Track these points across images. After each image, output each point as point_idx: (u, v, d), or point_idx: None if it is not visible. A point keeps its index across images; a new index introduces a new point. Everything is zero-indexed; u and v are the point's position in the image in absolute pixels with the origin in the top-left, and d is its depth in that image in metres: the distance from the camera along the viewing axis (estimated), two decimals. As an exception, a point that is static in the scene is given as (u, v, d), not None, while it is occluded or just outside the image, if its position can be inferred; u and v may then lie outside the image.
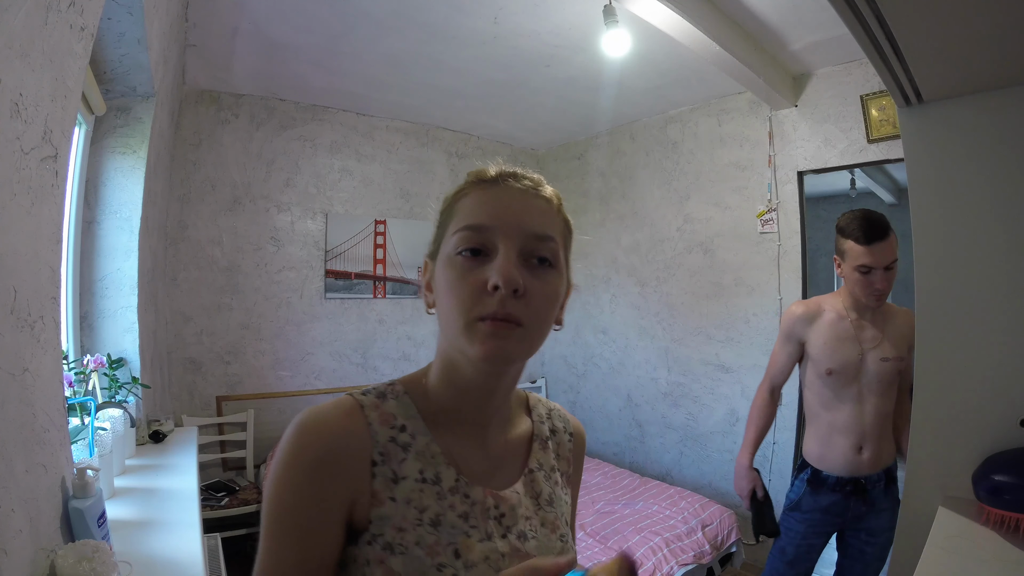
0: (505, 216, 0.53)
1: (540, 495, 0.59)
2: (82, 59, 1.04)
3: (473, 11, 2.22)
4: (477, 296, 0.50)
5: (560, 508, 0.60)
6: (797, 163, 2.83)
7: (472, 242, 0.52)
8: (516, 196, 0.55)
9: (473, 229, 0.52)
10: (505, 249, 0.51)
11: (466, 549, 0.51)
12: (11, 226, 0.77)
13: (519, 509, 0.56)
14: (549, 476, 0.61)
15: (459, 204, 0.56)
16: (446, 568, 0.49)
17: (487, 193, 0.55)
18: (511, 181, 0.56)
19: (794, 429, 2.78)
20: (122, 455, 1.57)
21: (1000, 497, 1.26)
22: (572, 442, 0.67)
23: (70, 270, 1.78)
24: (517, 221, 0.53)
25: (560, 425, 0.67)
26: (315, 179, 3.37)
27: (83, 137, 1.81)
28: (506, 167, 0.57)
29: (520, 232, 0.52)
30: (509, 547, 0.53)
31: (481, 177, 0.56)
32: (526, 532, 0.55)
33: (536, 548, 0.55)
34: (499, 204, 0.54)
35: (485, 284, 0.50)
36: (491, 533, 0.53)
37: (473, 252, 0.52)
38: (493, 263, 0.51)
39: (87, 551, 0.83)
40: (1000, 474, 1.29)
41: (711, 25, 2.11)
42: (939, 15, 1.07)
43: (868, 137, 2.55)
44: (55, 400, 0.97)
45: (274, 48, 2.55)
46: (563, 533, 0.59)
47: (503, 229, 0.52)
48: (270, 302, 3.20)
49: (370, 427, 0.52)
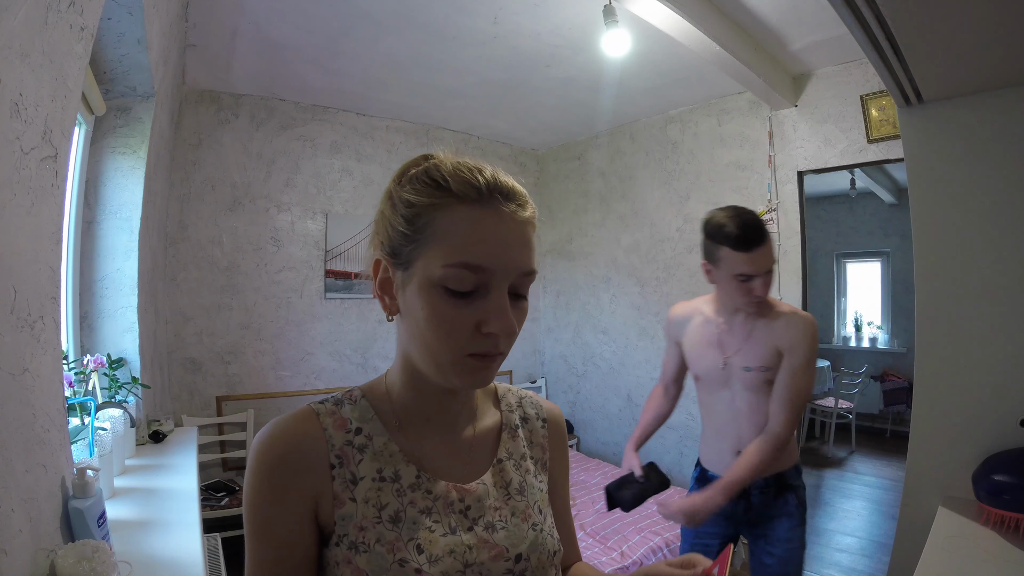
0: (503, 257, 0.50)
1: (510, 484, 0.60)
2: (82, 59, 1.04)
3: (473, 11, 2.22)
4: (468, 335, 0.49)
5: (532, 496, 0.60)
6: (797, 163, 2.83)
7: (466, 283, 0.49)
8: (510, 227, 0.51)
9: (471, 270, 0.49)
10: (499, 292, 0.50)
11: (428, 544, 0.52)
12: (11, 226, 0.77)
13: (486, 500, 0.57)
14: (519, 464, 0.62)
15: (441, 219, 0.50)
16: (408, 563, 0.50)
17: (479, 219, 0.50)
18: (502, 202, 0.51)
19: (794, 429, 2.78)
20: (122, 455, 1.57)
21: (1000, 497, 1.27)
22: (546, 428, 0.67)
23: (70, 270, 1.78)
24: (514, 262, 0.50)
25: (532, 412, 0.67)
26: (315, 179, 3.37)
27: (83, 137, 1.81)
28: (491, 175, 0.52)
29: (515, 272, 0.51)
30: (476, 539, 0.54)
31: (467, 190, 0.50)
32: (494, 523, 0.56)
33: (506, 538, 0.55)
34: (495, 239, 0.50)
35: (477, 325, 0.49)
36: (455, 527, 0.54)
37: (463, 291, 0.49)
38: (486, 304, 0.49)
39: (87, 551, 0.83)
40: (1000, 474, 1.29)
41: (711, 25, 2.11)
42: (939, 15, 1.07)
43: (868, 137, 2.56)
44: (55, 400, 0.97)
45: (274, 48, 2.55)
46: (535, 521, 0.58)
47: (500, 272, 0.50)
48: (270, 302, 3.20)
49: (325, 432, 0.54)
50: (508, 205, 0.51)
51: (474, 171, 0.51)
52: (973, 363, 1.46)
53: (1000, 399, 1.40)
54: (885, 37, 1.18)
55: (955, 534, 1.26)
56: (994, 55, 1.25)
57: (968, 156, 1.47)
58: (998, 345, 1.42)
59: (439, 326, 0.49)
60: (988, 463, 1.34)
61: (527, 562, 0.55)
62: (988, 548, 1.19)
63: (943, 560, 1.15)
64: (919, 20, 1.10)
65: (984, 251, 1.45)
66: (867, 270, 5.87)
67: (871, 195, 5.39)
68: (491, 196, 0.51)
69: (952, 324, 1.50)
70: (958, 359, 1.48)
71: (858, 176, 4.56)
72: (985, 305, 1.44)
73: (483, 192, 0.50)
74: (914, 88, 1.43)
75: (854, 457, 4.64)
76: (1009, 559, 1.14)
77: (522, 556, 0.55)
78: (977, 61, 1.28)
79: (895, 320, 5.56)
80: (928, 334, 1.54)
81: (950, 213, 1.51)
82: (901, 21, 1.10)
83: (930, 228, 1.54)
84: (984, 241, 1.45)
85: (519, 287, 0.52)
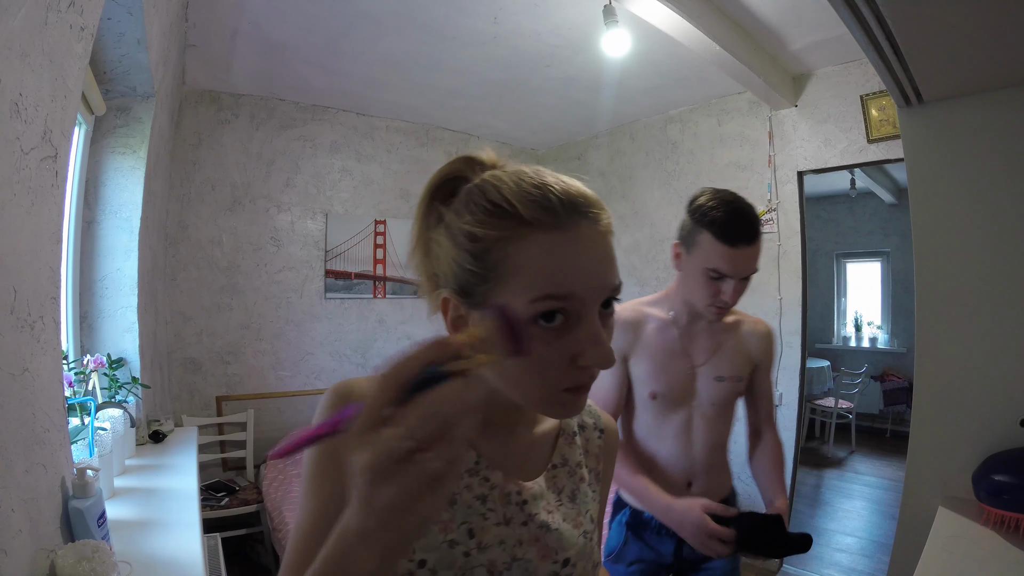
0: (590, 280, 0.45)
1: (562, 491, 0.58)
2: (82, 59, 1.04)
3: (473, 11, 2.22)
4: (564, 369, 0.45)
5: (583, 504, 0.59)
6: (797, 163, 2.83)
7: (554, 309, 0.44)
8: (594, 245, 0.46)
9: (558, 300, 0.44)
10: (590, 319, 0.45)
11: (480, 530, 0.50)
12: (11, 226, 0.77)
13: (541, 501, 0.55)
14: (574, 472, 0.60)
15: (515, 253, 0.45)
16: (458, 546, 0.49)
17: (559, 245, 0.45)
18: (579, 217, 0.46)
19: (794, 429, 2.78)
20: (122, 455, 1.57)
21: (1000, 497, 1.26)
22: (603, 439, 0.65)
23: (70, 270, 1.78)
24: (602, 282, 0.46)
25: (590, 421, 0.65)
26: (315, 179, 3.37)
27: (83, 137, 1.81)
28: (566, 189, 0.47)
29: (604, 293, 0.46)
30: (529, 534, 0.53)
31: (540, 215, 0.45)
32: (548, 523, 0.54)
33: (557, 540, 0.54)
34: (581, 263, 0.45)
35: (572, 358, 0.45)
36: (510, 518, 0.52)
37: (548, 317, 0.44)
38: (578, 334, 0.45)
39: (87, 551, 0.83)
40: (1000, 474, 1.29)
41: (711, 25, 2.11)
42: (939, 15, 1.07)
43: (868, 137, 2.56)
44: (55, 400, 0.97)
45: (274, 48, 2.55)
46: (586, 530, 0.57)
47: (590, 296, 0.45)
48: (270, 302, 3.20)
49: None
50: (585, 219, 0.46)
51: (542, 189, 0.46)
52: (973, 363, 1.46)
53: (1000, 399, 1.40)
54: (885, 37, 1.18)
55: (955, 534, 1.26)
56: (994, 55, 1.25)
57: (968, 156, 1.47)
58: (998, 345, 1.42)
59: (533, 365, 0.45)
60: (988, 463, 1.34)
61: (573, 568, 0.54)
62: (988, 548, 1.19)
63: (943, 560, 1.15)
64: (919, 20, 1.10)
65: (984, 251, 1.45)
66: (867, 270, 5.87)
67: (871, 195, 5.39)
68: (570, 217, 0.45)
69: (952, 324, 1.50)
70: (958, 359, 1.48)
71: (858, 176, 4.56)
72: (985, 305, 1.44)
73: (559, 213, 0.45)
74: (914, 88, 1.43)
75: (854, 457, 4.64)
76: (1009, 559, 1.14)
77: (570, 561, 0.54)
78: (977, 61, 1.28)
79: (895, 320, 5.55)
80: (928, 334, 1.54)
81: (950, 213, 1.51)
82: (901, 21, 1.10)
83: (930, 228, 1.54)
84: (984, 241, 1.45)
85: (608, 304, 0.48)
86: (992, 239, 1.44)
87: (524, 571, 0.51)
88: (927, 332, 1.55)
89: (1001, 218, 1.42)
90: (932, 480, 1.50)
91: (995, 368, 1.42)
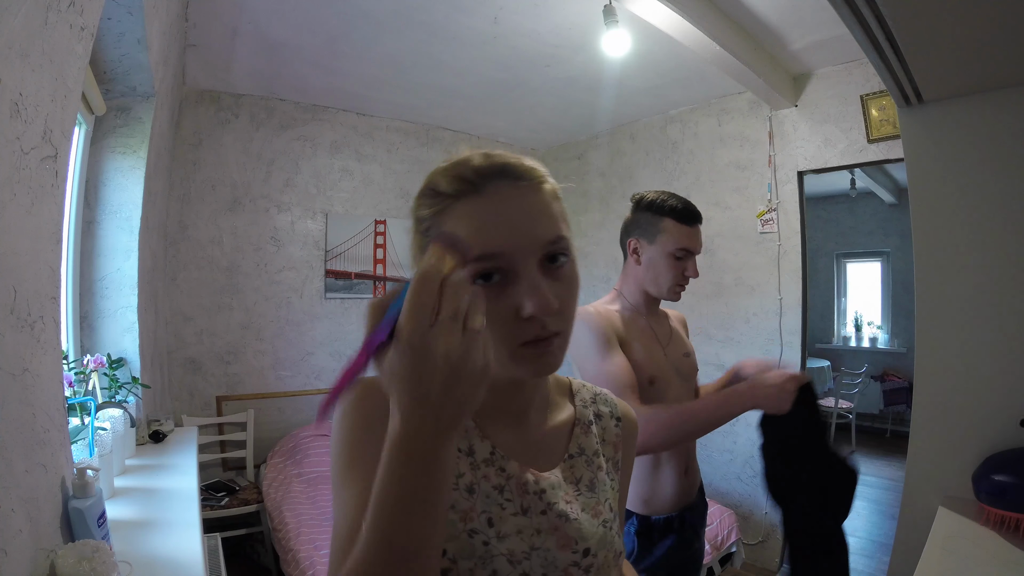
0: (516, 236, 0.47)
1: (580, 480, 0.58)
2: (82, 59, 1.04)
3: (473, 11, 2.21)
4: (512, 324, 0.47)
5: (603, 493, 0.59)
6: (797, 163, 2.83)
7: (489, 269, 0.47)
8: (517, 204, 0.49)
9: (487, 259, 0.47)
10: (527, 271, 0.47)
11: (499, 520, 0.51)
12: (11, 226, 0.77)
13: (559, 491, 0.55)
14: (591, 461, 0.60)
15: (447, 222, 0.49)
16: (478, 535, 0.49)
17: (479, 209, 0.48)
18: (501, 183, 0.49)
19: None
20: (122, 455, 1.57)
21: (1000, 497, 1.27)
22: (620, 427, 0.65)
23: (70, 270, 1.78)
24: (529, 236, 0.48)
25: (606, 410, 0.65)
26: (315, 179, 3.37)
27: (83, 137, 1.81)
28: (485, 158, 0.50)
29: (534, 246, 0.48)
30: (547, 524, 0.53)
31: (460, 186, 0.49)
32: (567, 513, 0.54)
33: (576, 530, 0.54)
34: (501, 221, 0.48)
35: (516, 311, 0.47)
36: (528, 508, 0.53)
37: (487, 278, 0.47)
38: (518, 286, 0.47)
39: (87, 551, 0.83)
40: (1000, 474, 1.29)
41: (711, 25, 2.11)
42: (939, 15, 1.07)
43: (868, 137, 2.56)
44: (55, 400, 0.97)
45: (274, 48, 2.55)
46: (606, 519, 0.57)
47: (519, 251, 0.47)
48: (270, 302, 3.20)
49: None
50: (505, 181, 0.49)
51: (462, 164, 0.50)
52: (973, 363, 1.46)
53: (1000, 399, 1.40)
54: (885, 37, 1.18)
55: (955, 534, 1.26)
56: (994, 55, 1.25)
57: (968, 156, 1.47)
58: (998, 345, 1.42)
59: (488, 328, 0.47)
60: (988, 463, 1.34)
61: (594, 558, 0.54)
62: (988, 548, 1.19)
63: (943, 560, 1.15)
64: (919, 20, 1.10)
65: (984, 251, 1.45)
66: (867, 270, 5.87)
67: (871, 195, 5.39)
68: (486, 182, 0.49)
69: (952, 324, 1.50)
70: (958, 359, 1.48)
71: (858, 176, 4.56)
72: (985, 305, 1.44)
73: (474, 182, 0.49)
74: (914, 88, 1.43)
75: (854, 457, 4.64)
76: (1009, 559, 1.14)
77: (590, 551, 0.54)
78: (977, 61, 1.28)
79: (895, 320, 5.55)
80: (928, 334, 1.54)
81: (950, 213, 1.51)
82: (901, 21, 1.10)
83: (930, 228, 1.54)
84: (984, 241, 1.45)
85: (552, 258, 0.49)
86: (992, 239, 1.44)
87: (544, 560, 0.51)
88: (927, 332, 1.55)
89: (1001, 218, 1.42)
90: (932, 480, 1.50)
91: (995, 368, 1.42)
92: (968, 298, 1.47)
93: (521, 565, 0.50)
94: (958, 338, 1.48)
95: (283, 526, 2.28)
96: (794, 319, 2.83)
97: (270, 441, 3.06)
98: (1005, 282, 1.42)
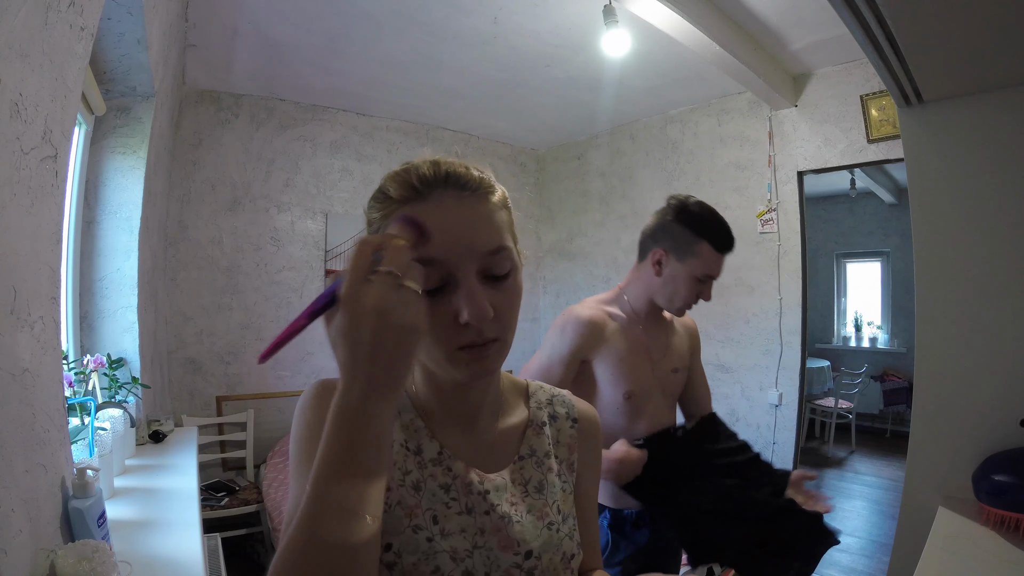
0: (455, 244, 0.48)
1: (528, 482, 0.59)
2: (82, 59, 1.04)
3: (473, 11, 2.22)
4: (450, 328, 0.49)
5: (551, 496, 0.59)
6: (797, 163, 2.83)
7: (431, 280, 0.47)
8: (458, 212, 0.50)
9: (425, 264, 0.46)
10: (465, 279, 0.49)
11: (444, 518, 0.52)
12: (11, 226, 0.77)
13: (504, 493, 0.56)
14: (541, 463, 0.61)
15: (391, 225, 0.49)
16: (422, 531, 0.51)
17: (422, 214, 0.48)
18: (445, 191, 0.50)
19: (794, 429, 2.78)
20: (122, 455, 1.57)
21: (1000, 497, 1.27)
22: (576, 428, 0.65)
23: (70, 270, 1.78)
24: (470, 245, 0.49)
25: (563, 411, 0.66)
26: (315, 179, 3.37)
27: (83, 137, 1.81)
28: (432, 167, 0.51)
29: (474, 255, 0.49)
30: (491, 524, 0.53)
31: (405, 192, 0.50)
32: (510, 515, 0.55)
33: (519, 532, 0.54)
34: (442, 228, 0.48)
35: (455, 316, 0.48)
36: (472, 507, 0.54)
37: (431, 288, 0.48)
38: (457, 294, 0.48)
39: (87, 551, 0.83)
40: (1000, 474, 1.29)
41: (711, 25, 2.11)
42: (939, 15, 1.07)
43: (868, 137, 2.56)
44: (55, 400, 0.97)
45: (274, 48, 2.55)
46: (552, 521, 0.57)
47: (457, 259, 0.48)
48: (270, 302, 3.20)
49: None
50: (449, 190, 0.50)
51: (411, 171, 0.51)
52: (973, 363, 1.46)
53: (1000, 399, 1.40)
54: (885, 37, 1.18)
55: (955, 534, 1.26)
56: (994, 55, 1.25)
57: (968, 156, 1.47)
58: (998, 345, 1.42)
59: (428, 331, 0.49)
60: (988, 463, 1.34)
61: (537, 560, 0.54)
62: (988, 548, 1.19)
63: (943, 560, 1.15)
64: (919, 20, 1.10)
65: (984, 251, 1.45)
66: (867, 270, 5.87)
67: (871, 195, 5.39)
68: (431, 190, 0.50)
69: (952, 324, 1.50)
70: (958, 359, 1.48)
71: (858, 176, 4.56)
72: (985, 305, 1.44)
73: (419, 189, 0.50)
74: (914, 88, 1.43)
75: (854, 457, 4.64)
76: (1009, 559, 1.14)
77: (532, 553, 0.54)
78: (977, 61, 1.28)
79: (895, 320, 5.55)
80: (928, 334, 1.54)
81: (950, 213, 1.51)
82: (901, 21, 1.10)
83: (930, 228, 1.54)
84: (984, 241, 1.45)
85: (492, 268, 0.50)
86: (992, 239, 1.44)
87: (486, 560, 0.52)
88: (927, 332, 1.55)
89: (1001, 218, 1.42)
90: (932, 480, 1.50)
91: (995, 368, 1.42)
92: (968, 298, 1.47)
93: (464, 563, 0.51)
94: (958, 338, 1.48)
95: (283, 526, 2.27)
96: (794, 319, 2.83)
97: (270, 441, 3.06)
98: (1005, 282, 1.42)
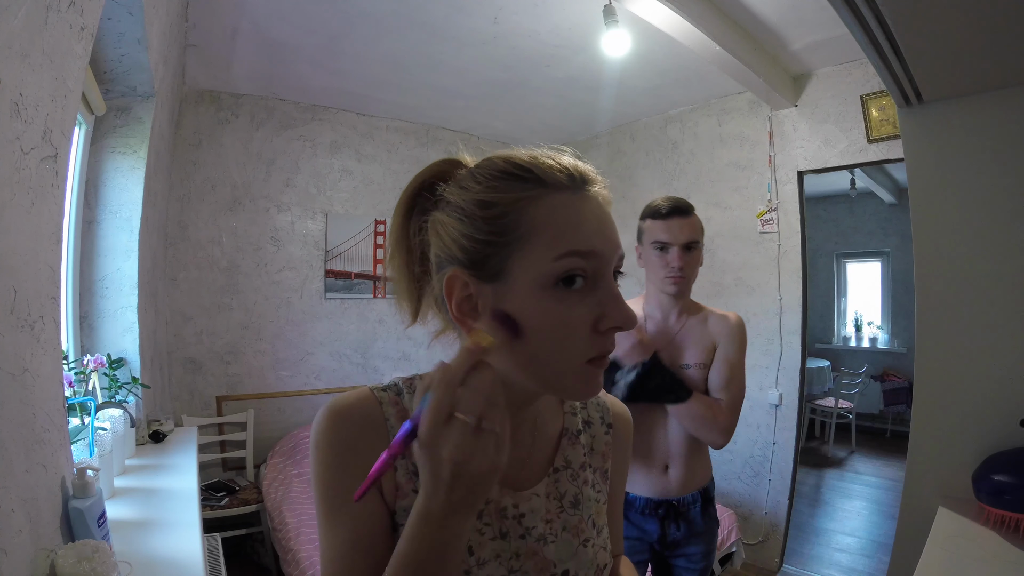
0: (605, 240, 0.46)
1: (564, 496, 0.56)
2: (82, 59, 1.04)
3: (473, 11, 2.21)
4: (587, 337, 0.45)
5: (587, 510, 0.57)
6: (797, 163, 2.83)
7: (575, 269, 0.44)
8: (606, 211, 0.48)
9: (582, 257, 0.44)
10: (609, 280, 0.46)
11: (478, 546, 0.50)
12: (11, 226, 0.77)
13: (539, 512, 0.54)
14: (576, 475, 0.58)
15: (534, 212, 0.45)
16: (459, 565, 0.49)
17: (575, 204, 0.46)
18: (589, 184, 0.48)
19: (794, 429, 2.78)
20: (122, 455, 1.57)
21: (1000, 497, 1.26)
22: (611, 433, 0.63)
23: (70, 270, 1.78)
24: (614, 244, 0.47)
25: (597, 415, 0.63)
26: (315, 179, 3.37)
27: (83, 137, 1.80)
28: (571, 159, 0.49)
29: (616, 256, 0.47)
30: (526, 548, 0.52)
31: (555, 177, 0.46)
32: (546, 535, 0.53)
33: (555, 552, 0.53)
34: (595, 221, 0.46)
35: (594, 322, 0.45)
36: (506, 532, 0.52)
37: (570, 282, 0.45)
38: (598, 295, 0.46)
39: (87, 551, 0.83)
40: (1000, 474, 1.29)
41: (711, 25, 2.11)
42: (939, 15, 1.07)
43: (868, 137, 2.55)
44: (55, 400, 0.97)
45: (274, 48, 2.55)
46: (587, 537, 0.56)
47: (607, 256, 0.46)
48: (270, 302, 3.20)
49: (387, 422, 0.51)
50: (595, 186, 0.49)
51: (553, 157, 0.48)
52: (973, 363, 1.46)
53: (1000, 399, 1.40)
54: (885, 37, 1.18)
55: (955, 534, 1.26)
56: (994, 55, 1.25)
57: (968, 156, 1.47)
58: (998, 345, 1.42)
59: (554, 333, 0.44)
60: (988, 463, 1.34)
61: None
62: (988, 548, 1.19)
63: (943, 560, 1.15)
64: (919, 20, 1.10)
65: (984, 251, 1.45)
66: (867, 270, 5.87)
67: (871, 195, 5.39)
68: (581, 179, 0.48)
69: (952, 324, 1.50)
70: (958, 359, 1.48)
71: (858, 176, 4.56)
72: (985, 305, 1.44)
73: (574, 176, 0.47)
74: (914, 88, 1.43)
75: (854, 457, 4.64)
76: (1009, 559, 1.14)
77: (568, 572, 0.53)
78: (977, 61, 1.28)
79: (895, 320, 5.55)
80: (928, 334, 1.54)
81: (950, 213, 1.51)
82: (901, 21, 1.10)
83: (930, 228, 1.54)
84: (984, 241, 1.45)
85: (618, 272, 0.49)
86: (992, 239, 1.44)
87: None
88: (927, 332, 1.54)
89: (1001, 218, 1.42)
90: (932, 480, 1.50)
91: (995, 368, 1.42)
92: (968, 298, 1.47)
93: None
94: (958, 338, 1.48)
95: (283, 526, 2.28)
96: (794, 319, 2.83)
97: (270, 441, 3.06)
98: (1005, 282, 1.42)
